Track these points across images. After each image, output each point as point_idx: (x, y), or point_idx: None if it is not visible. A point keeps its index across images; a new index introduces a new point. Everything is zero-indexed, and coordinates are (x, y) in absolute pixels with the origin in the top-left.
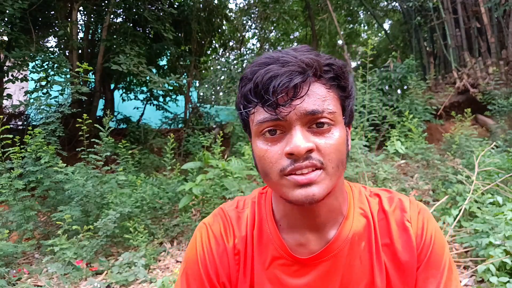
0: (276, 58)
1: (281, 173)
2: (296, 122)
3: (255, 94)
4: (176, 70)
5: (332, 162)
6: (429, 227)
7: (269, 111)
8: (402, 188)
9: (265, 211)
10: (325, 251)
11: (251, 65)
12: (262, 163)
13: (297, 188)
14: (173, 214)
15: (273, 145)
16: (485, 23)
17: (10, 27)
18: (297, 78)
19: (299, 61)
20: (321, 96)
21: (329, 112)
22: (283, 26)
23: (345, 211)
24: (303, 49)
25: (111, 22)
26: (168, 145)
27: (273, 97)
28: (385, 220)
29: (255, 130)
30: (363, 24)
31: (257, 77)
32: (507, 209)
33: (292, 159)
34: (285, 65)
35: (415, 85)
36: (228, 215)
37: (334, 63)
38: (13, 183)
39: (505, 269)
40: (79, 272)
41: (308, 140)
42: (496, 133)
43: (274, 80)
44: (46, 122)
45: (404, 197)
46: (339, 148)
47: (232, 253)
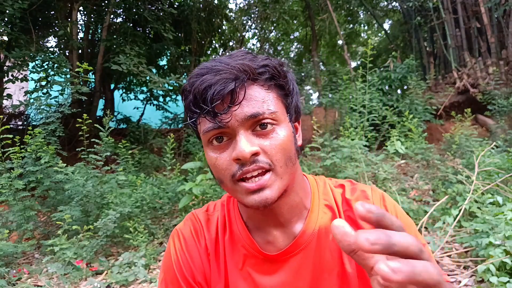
0: (210, 67)
1: (233, 179)
2: (239, 127)
3: (195, 105)
4: (176, 70)
5: (280, 162)
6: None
7: (211, 120)
8: (402, 188)
9: (234, 213)
10: (292, 246)
11: (190, 76)
12: (215, 170)
13: (249, 195)
14: (173, 214)
15: (221, 152)
16: (485, 23)
17: (10, 27)
18: (231, 84)
19: (231, 68)
20: (260, 98)
21: (270, 112)
22: (283, 26)
23: (308, 204)
24: (239, 54)
25: (111, 22)
26: (168, 145)
27: (210, 106)
28: (350, 210)
29: (204, 139)
30: (363, 24)
31: (195, 88)
32: (507, 209)
33: (240, 163)
34: (218, 74)
35: (415, 85)
36: (198, 218)
37: (268, 64)
38: (13, 183)
39: (505, 269)
40: (79, 272)
41: (252, 144)
42: (496, 133)
43: (209, 90)
44: (46, 122)
45: (367, 187)
46: (285, 147)
47: (204, 253)
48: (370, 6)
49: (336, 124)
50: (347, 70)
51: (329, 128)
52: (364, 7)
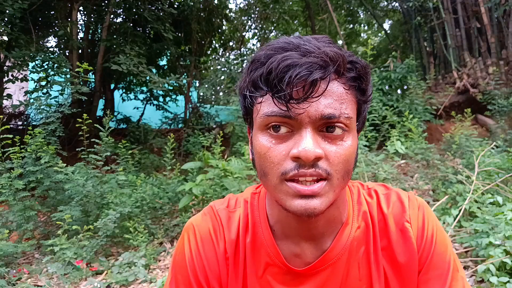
0: (296, 44)
1: (282, 177)
2: (308, 124)
3: (266, 81)
4: (176, 70)
5: (339, 173)
6: (430, 226)
7: (280, 105)
8: (402, 188)
9: (259, 214)
10: (321, 261)
11: (266, 47)
12: (262, 161)
13: (297, 198)
14: (173, 214)
15: (277, 143)
16: (485, 23)
17: (10, 27)
18: (318, 72)
19: (323, 52)
20: (339, 97)
21: (345, 117)
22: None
23: (344, 218)
24: (325, 39)
25: (111, 22)
26: (168, 145)
27: (287, 89)
28: (384, 221)
29: (260, 122)
30: (363, 24)
31: (272, 62)
32: (507, 209)
33: (298, 163)
34: (306, 55)
35: (415, 85)
36: (218, 215)
37: (357, 62)
38: (13, 183)
39: (505, 269)
40: (79, 272)
41: (318, 146)
42: (496, 133)
43: (292, 70)
44: (46, 122)
45: (403, 194)
46: (349, 158)
47: (222, 256)
48: (370, 6)
49: None
50: None
51: None
52: (364, 7)
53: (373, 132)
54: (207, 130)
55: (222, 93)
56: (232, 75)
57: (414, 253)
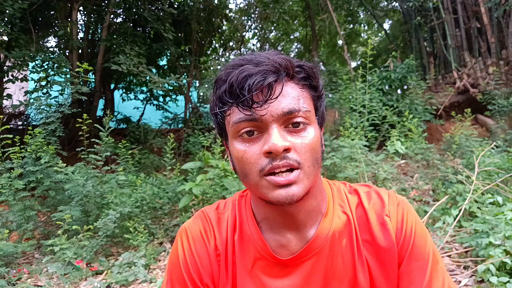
0: (249, 59)
1: (261, 174)
2: (273, 122)
3: (230, 94)
4: (176, 70)
5: (308, 161)
6: (409, 220)
7: (245, 111)
8: (402, 188)
9: (246, 213)
10: (305, 251)
11: (225, 68)
12: (241, 164)
13: (276, 189)
14: (173, 214)
15: (251, 145)
16: (485, 23)
17: (10, 27)
18: (271, 77)
19: (272, 61)
20: (296, 95)
21: (304, 111)
22: (283, 26)
23: (324, 209)
24: (274, 52)
25: (111, 22)
26: (168, 145)
27: (248, 95)
28: (365, 216)
29: (232, 131)
30: (363, 24)
31: (232, 77)
32: (507, 209)
33: (270, 157)
34: (259, 65)
35: (415, 85)
36: (208, 217)
37: (304, 64)
38: (13, 183)
39: (505, 269)
40: (79, 272)
41: (285, 139)
42: (496, 133)
43: (249, 79)
44: (46, 122)
45: (383, 191)
46: (314, 147)
47: (214, 253)
48: (370, 6)
49: (336, 124)
50: (347, 70)
51: (329, 128)
52: (364, 7)
53: (373, 132)
54: (207, 130)
55: None
56: None
57: (393, 245)
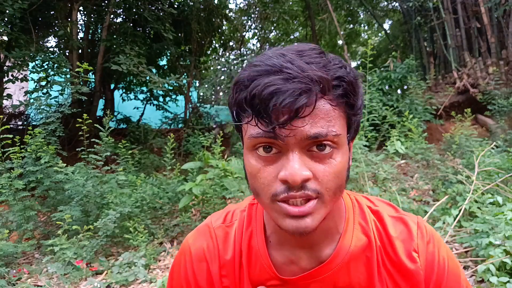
0: (279, 67)
1: (273, 198)
2: (294, 146)
3: (250, 105)
4: (176, 70)
5: (330, 191)
6: (441, 258)
7: (263, 128)
8: (402, 188)
9: (256, 224)
10: (318, 271)
11: (249, 68)
12: (254, 182)
13: (288, 218)
14: (173, 214)
15: (266, 165)
16: (485, 23)
17: (10, 27)
18: (303, 98)
19: (306, 77)
20: (326, 115)
21: (333, 135)
22: (283, 26)
23: (341, 228)
24: (312, 54)
25: (111, 22)
26: (168, 145)
27: (272, 115)
28: (390, 244)
29: (248, 143)
30: (363, 24)
31: (256, 87)
32: (507, 209)
33: (287, 185)
34: (290, 80)
35: (415, 85)
36: (215, 233)
37: (344, 77)
38: (13, 183)
39: (505, 269)
40: (79, 272)
41: (305, 168)
42: (496, 133)
43: (275, 97)
44: (46, 122)
45: (410, 220)
46: (339, 175)
47: (217, 275)
48: (370, 6)
49: None
50: None
51: None
52: (364, 7)
53: (373, 132)
54: (207, 130)
55: (222, 93)
56: (232, 75)
57: (420, 285)
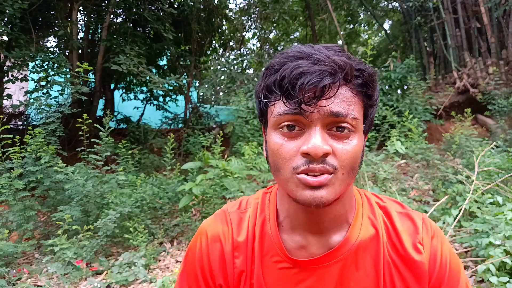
0: (307, 53)
1: (294, 171)
2: (318, 121)
3: (279, 86)
4: (176, 70)
5: (345, 168)
6: (443, 253)
7: (290, 105)
8: (402, 188)
9: (269, 210)
10: (326, 257)
11: (280, 55)
12: (275, 157)
13: (306, 189)
14: (173, 214)
15: (289, 140)
16: (485, 23)
17: (10, 27)
18: (327, 79)
19: (332, 61)
20: (347, 99)
21: (352, 117)
22: (283, 26)
23: (351, 219)
24: (335, 48)
25: (111, 22)
26: (168, 145)
27: (299, 94)
28: (397, 237)
29: (273, 122)
30: (363, 24)
31: (285, 69)
32: (507, 209)
33: (307, 159)
34: (317, 63)
35: (415, 85)
36: (230, 218)
37: (365, 69)
38: (13, 183)
39: (505, 269)
40: (79, 272)
41: (326, 143)
42: (496, 133)
43: (303, 77)
44: (46, 122)
45: (416, 215)
46: (354, 155)
47: (230, 256)
48: (370, 6)
49: None
50: None
51: None
52: (364, 7)
53: (373, 132)
54: (207, 130)
55: (222, 93)
56: (232, 75)
57: (425, 275)
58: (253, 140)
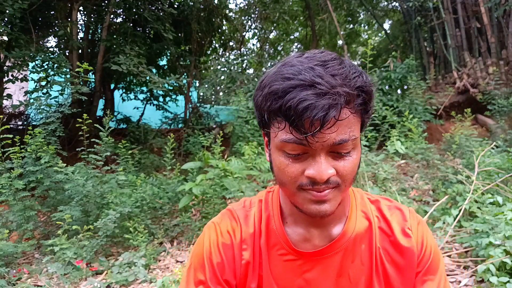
0: (310, 82)
1: (299, 187)
2: (322, 150)
3: (285, 115)
4: (176, 70)
5: (347, 181)
6: (429, 241)
7: (295, 135)
8: (402, 188)
9: (272, 208)
10: (329, 248)
11: (281, 78)
12: (280, 174)
13: (311, 203)
14: (173, 214)
15: (294, 162)
16: (485, 23)
17: (10, 27)
18: (332, 111)
19: (335, 93)
20: (348, 122)
21: (353, 139)
22: (283, 26)
23: (347, 212)
24: (335, 64)
25: (111, 22)
26: (168, 145)
27: (305, 126)
28: (387, 225)
29: (277, 144)
30: (363, 24)
31: (290, 100)
32: (507, 209)
33: (312, 181)
34: (321, 96)
35: (415, 85)
36: (236, 214)
37: (363, 87)
38: (13, 183)
39: (505, 269)
40: (79, 272)
41: (330, 167)
42: (496, 133)
43: (309, 111)
44: (46, 122)
45: (404, 207)
46: (355, 168)
47: (239, 249)
48: (370, 6)
49: None
50: None
51: None
52: (364, 7)
53: (373, 132)
54: (207, 130)
55: (222, 93)
56: (232, 75)
57: (414, 256)
58: (253, 140)
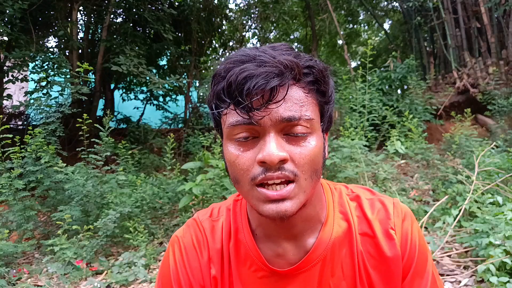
0: (252, 56)
1: (252, 182)
2: (271, 128)
3: (228, 94)
4: (176, 70)
5: (306, 173)
6: (413, 235)
7: (241, 114)
8: (402, 188)
9: (241, 219)
10: (305, 262)
11: (225, 62)
12: (232, 169)
13: (267, 203)
14: (173, 214)
15: (245, 150)
16: (485, 23)
17: (10, 27)
18: (274, 80)
19: (278, 62)
20: (299, 101)
21: (306, 119)
22: (283, 26)
23: (323, 217)
24: (283, 47)
25: (111, 22)
26: (168, 145)
27: (247, 99)
28: (368, 226)
29: (227, 132)
30: (363, 24)
31: (231, 75)
32: (507, 209)
33: (264, 167)
34: (262, 65)
35: (415, 85)
36: (202, 226)
37: (314, 66)
38: (13, 183)
39: (505, 269)
40: (79, 272)
41: (282, 149)
42: (496, 133)
43: (249, 81)
44: (46, 122)
45: (387, 200)
46: (314, 158)
47: (206, 266)
48: (370, 6)
49: (336, 124)
50: (347, 70)
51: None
52: (364, 7)
53: (373, 132)
54: (207, 130)
55: None
56: None
57: (398, 259)
58: None
